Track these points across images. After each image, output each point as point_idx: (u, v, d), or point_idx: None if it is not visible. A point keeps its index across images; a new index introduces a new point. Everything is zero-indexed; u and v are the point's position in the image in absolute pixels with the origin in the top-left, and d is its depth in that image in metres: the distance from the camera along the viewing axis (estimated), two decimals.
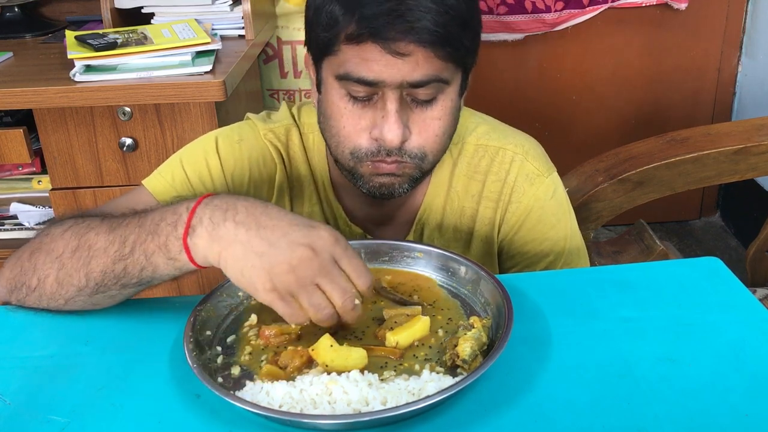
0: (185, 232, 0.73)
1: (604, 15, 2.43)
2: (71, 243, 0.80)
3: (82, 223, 0.82)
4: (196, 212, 0.73)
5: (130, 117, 1.59)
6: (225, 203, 0.73)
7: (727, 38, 2.53)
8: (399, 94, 0.88)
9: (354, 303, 0.73)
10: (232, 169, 1.01)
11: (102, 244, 0.78)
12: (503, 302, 0.79)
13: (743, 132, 1.45)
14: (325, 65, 0.92)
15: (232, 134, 1.04)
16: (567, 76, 2.55)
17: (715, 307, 0.84)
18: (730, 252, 2.59)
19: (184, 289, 1.65)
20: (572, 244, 1.07)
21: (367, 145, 0.91)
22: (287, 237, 0.70)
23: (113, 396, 0.74)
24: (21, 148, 1.59)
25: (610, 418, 0.68)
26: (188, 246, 0.73)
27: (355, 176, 0.95)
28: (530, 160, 1.05)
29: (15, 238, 1.81)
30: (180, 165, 1.01)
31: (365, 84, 0.87)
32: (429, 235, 1.07)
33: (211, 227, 0.72)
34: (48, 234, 0.84)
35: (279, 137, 1.05)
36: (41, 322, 0.86)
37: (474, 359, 0.74)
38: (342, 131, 0.92)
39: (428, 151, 0.93)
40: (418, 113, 0.91)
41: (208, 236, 0.71)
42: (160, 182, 1.00)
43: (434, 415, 0.69)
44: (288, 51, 2.27)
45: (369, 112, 0.90)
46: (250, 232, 0.70)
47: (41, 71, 1.65)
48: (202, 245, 0.72)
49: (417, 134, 0.91)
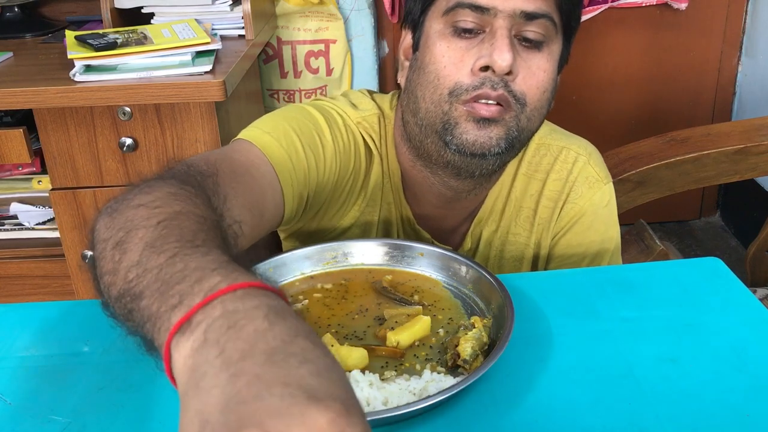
0: (177, 323, 0.48)
1: (604, 15, 2.43)
2: (121, 230, 0.59)
3: (156, 208, 0.60)
4: (210, 304, 0.48)
5: (130, 117, 1.59)
6: (245, 311, 0.46)
7: (727, 38, 2.53)
8: (509, 26, 0.86)
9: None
10: (342, 153, 0.95)
11: (131, 258, 0.56)
12: (504, 302, 0.79)
13: (743, 132, 1.45)
14: (431, 12, 0.90)
15: (335, 116, 0.97)
16: (567, 76, 2.53)
17: (715, 307, 0.84)
18: (730, 252, 2.59)
19: None
20: (614, 255, 1.06)
21: (468, 80, 0.87)
22: (249, 406, 0.40)
23: (114, 396, 0.74)
24: (21, 148, 1.59)
25: (610, 418, 0.68)
26: (169, 348, 0.48)
27: (447, 128, 0.88)
28: (593, 164, 1.04)
29: (15, 238, 1.81)
30: (295, 134, 0.90)
31: (478, 10, 0.85)
32: (486, 239, 1.05)
33: (201, 342, 0.46)
34: (130, 191, 0.64)
35: (373, 127, 0.99)
36: (41, 322, 0.86)
37: (475, 359, 0.74)
38: (443, 71, 0.88)
39: (529, 101, 0.89)
40: (524, 58, 0.88)
41: (190, 353, 0.46)
42: (272, 145, 0.87)
43: (435, 415, 0.69)
44: (288, 51, 2.27)
45: (474, 47, 0.87)
46: (220, 376, 0.43)
47: (41, 71, 1.65)
48: (180, 363, 0.47)
49: (522, 78, 0.87)
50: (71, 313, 0.87)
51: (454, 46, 0.88)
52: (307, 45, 2.27)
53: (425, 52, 0.91)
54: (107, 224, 0.61)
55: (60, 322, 0.86)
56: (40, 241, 1.79)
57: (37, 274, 1.81)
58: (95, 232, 0.62)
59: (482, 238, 1.06)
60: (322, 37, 2.27)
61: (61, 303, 0.94)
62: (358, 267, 0.92)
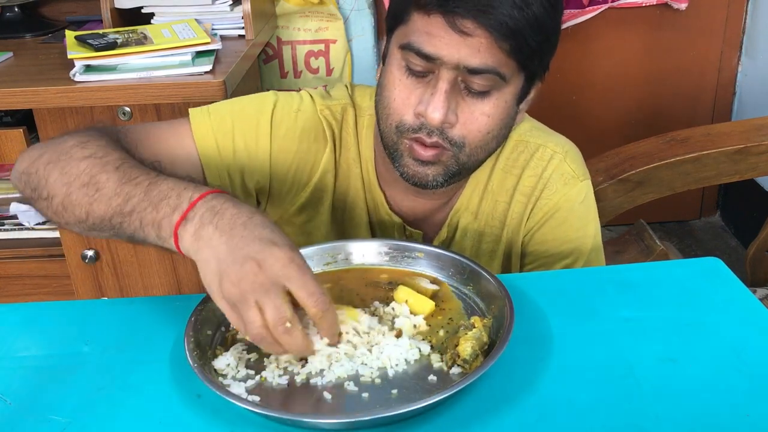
0: (179, 221, 0.75)
1: (604, 15, 2.43)
2: (83, 176, 0.82)
3: (102, 157, 0.83)
4: (195, 206, 0.75)
5: (130, 117, 1.59)
6: (219, 205, 0.75)
7: (727, 38, 2.53)
8: (453, 77, 0.88)
9: (285, 327, 0.70)
10: (281, 137, 1.01)
11: (108, 191, 0.80)
12: (504, 302, 0.79)
13: (743, 132, 1.45)
14: (395, 35, 0.93)
15: (292, 102, 1.04)
16: (567, 76, 2.54)
17: (715, 307, 0.84)
18: (730, 252, 2.59)
19: (184, 289, 1.65)
20: (593, 253, 1.07)
21: (411, 120, 0.91)
22: (244, 250, 0.71)
23: (114, 396, 0.74)
24: (21, 147, 1.59)
25: (610, 418, 0.68)
26: (177, 234, 0.75)
27: (395, 155, 0.95)
28: (569, 161, 1.05)
29: (15, 238, 1.81)
30: (230, 116, 1.01)
31: (423, 57, 0.87)
32: (463, 230, 1.07)
33: (199, 225, 0.74)
34: (68, 149, 0.85)
35: (335, 115, 1.05)
36: (41, 322, 0.86)
37: (475, 359, 0.74)
38: (392, 103, 0.92)
39: (468, 144, 0.92)
40: (468, 103, 0.90)
41: (193, 232, 0.74)
42: (204, 124, 1.00)
43: (435, 415, 0.69)
44: (288, 51, 2.27)
45: (420, 88, 0.90)
46: (222, 238, 0.72)
47: (41, 71, 1.66)
48: (186, 239, 0.74)
49: (461, 124, 0.90)
50: (71, 313, 0.87)
51: (405, 83, 0.91)
52: (307, 45, 2.28)
53: (385, 73, 0.94)
54: (61, 174, 0.83)
55: (60, 322, 0.86)
56: (40, 241, 1.79)
57: (37, 274, 1.81)
58: (45, 180, 0.84)
59: (459, 228, 1.07)
60: (322, 37, 2.27)
61: (61, 303, 0.94)
62: (357, 267, 0.92)
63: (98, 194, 0.80)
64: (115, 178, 0.80)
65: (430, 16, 0.86)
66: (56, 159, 0.85)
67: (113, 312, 0.87)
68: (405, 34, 0.89)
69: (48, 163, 0.85)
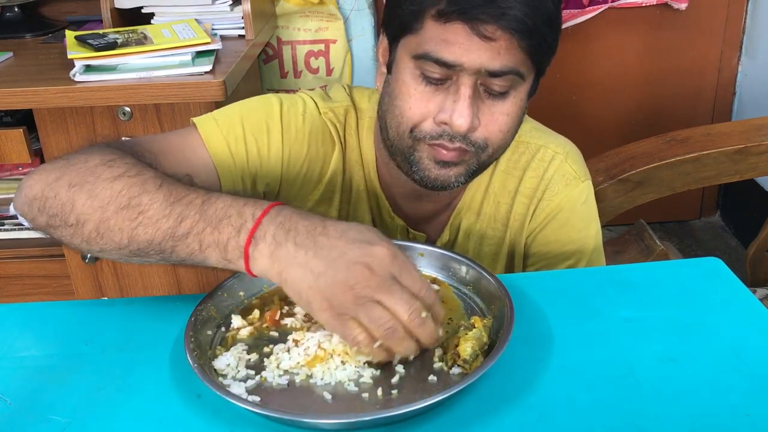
0: (247, 242, 0.71)
1: (604, 15, 2.43)
2: (120, 198, 0.76)
3: (136, 176, 0.77)
4: (261, 224, 0.72)
5: (130, 117, 1.59)
6: (287, 221, 0.72)
7: (727, 38, 2.53)
8: (474, 81, 0.87)
9: (422, 316, 0.70)
10: (292, 140, 1.00)
11: (155, 214, 0.74)
12: (504, 302, 0.79)
13: (743, 132, 1.45)
14: (402, 44, 0.91)
15: (297, 104, 1.02)
16: (567, 76, 2.55)
17: (715, 307, 0.84)
18: (730, 252, 2.59)
19: (184, 289, 1.65)
20: (594, 253, 1.07)
21: (429, 128, 0.90)
22: (344, 257, 0.69)
23: (114, 396, 0.74)
24: (21, 148, 1.59)
25: (610, 418, 0.68)
26: (248, 256, 0.72)
27: (410, 161, 0.93)
28: (570, 162, 1.05)
29: (15, 238, 1.81)
30: (239, 121, 0.98)
31: (444, 66, 0.86)
32: (465, 231, 1.07)
33: (274, 246, 0.71)
34: (92, 168, 0.79)
35: (338, 117, 1.04)
36: (41, 322, 0.86)
37: (475, 359, 0.74)
38: (407, 112, 0.91)
39: (491, 144, 0.92)
40: (488, 105, 0.90)
41: (269, 254, 0.71)
42: (214, 132, 0.97)
43: (435, 415, 0.69)
44: (288, 51, 2.27)
45: (439, 96, 0.89)
46: (309, 253, 0.69)
47: (41, 71, 1.66)
48: (262, 261, 0.71)
49: (483, 126, 0.90)
50: (71, 313, 0.87)
51: (421, 90, 0.90)
52: (307, 45, 2.28)
53: (395, 83, 0.93)
54: (90, 197, 0.77)
55: (60, 322, 0.86)
56: (40, 241, 1.79)
57: (37, 274, 1.81)
58: (71, 205, 0.77)
59: (461, 229, 1.07)
60: (322, 37, 2.27)
61: (61, 303, 0.94)
62: None
63: (142, 217, 0.75)
64: (160, 199, 0.75)
65: (446, 24, 0.85)
66: (81, 181, 0.78)
67: (113, 312, 0.87)
68: (418, 43, 0.88)
69: (71, 185, 0.78)
